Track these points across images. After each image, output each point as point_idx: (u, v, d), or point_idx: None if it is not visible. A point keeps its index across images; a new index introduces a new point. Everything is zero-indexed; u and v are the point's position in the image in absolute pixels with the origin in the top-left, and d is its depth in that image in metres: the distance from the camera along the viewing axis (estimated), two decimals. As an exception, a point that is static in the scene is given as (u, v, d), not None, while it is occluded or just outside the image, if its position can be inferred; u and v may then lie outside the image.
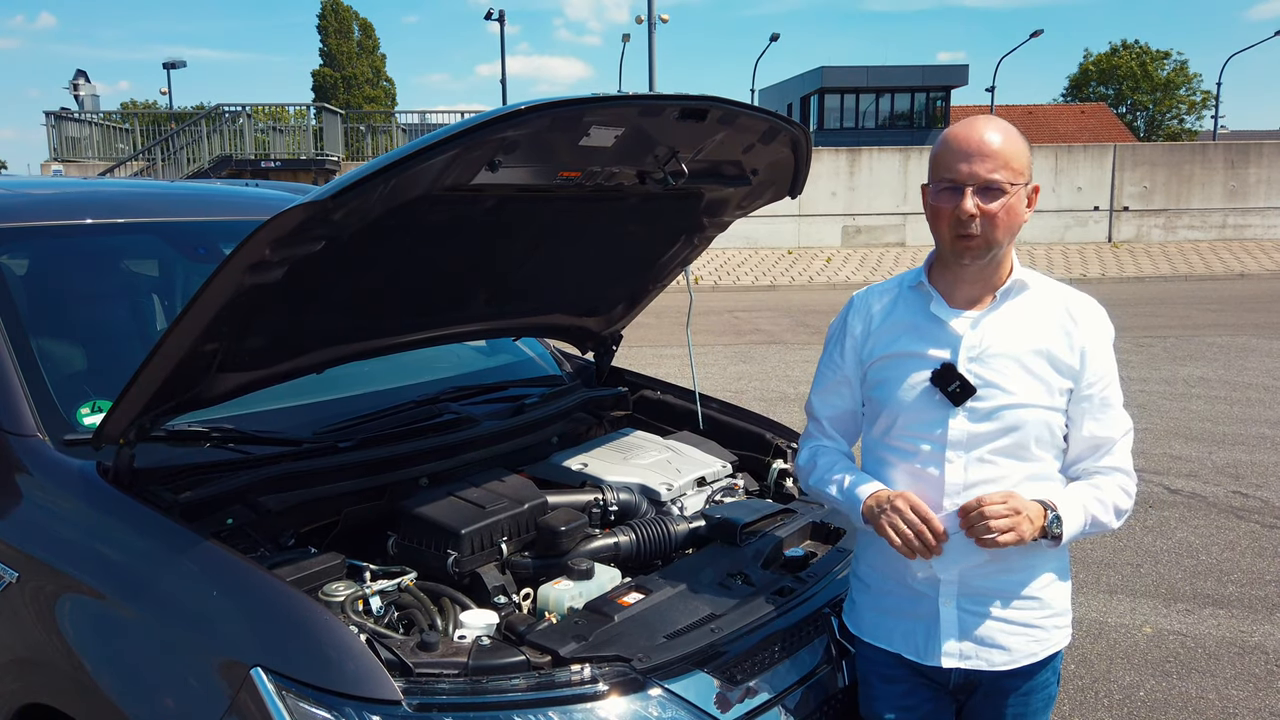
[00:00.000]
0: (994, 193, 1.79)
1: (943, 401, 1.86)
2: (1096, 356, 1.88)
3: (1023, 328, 1.88)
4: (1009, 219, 1.81)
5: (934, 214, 1.86)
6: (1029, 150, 1.86)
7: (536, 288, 2.81)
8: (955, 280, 1.91)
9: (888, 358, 1.95)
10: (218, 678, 1.70)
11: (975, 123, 1.84)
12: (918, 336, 1.92)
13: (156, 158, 24.29)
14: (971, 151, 1.80)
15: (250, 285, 1.77)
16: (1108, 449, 1.92)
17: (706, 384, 9.42)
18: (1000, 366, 1.85)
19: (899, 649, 1.96)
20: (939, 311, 1.91)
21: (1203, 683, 3.81)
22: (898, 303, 1.98)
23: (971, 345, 1.87)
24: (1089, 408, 1.89)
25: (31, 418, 2.17)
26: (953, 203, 1.80)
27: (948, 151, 1.83)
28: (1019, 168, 1.81)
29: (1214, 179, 24.55)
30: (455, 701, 1.67)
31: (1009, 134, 1.83)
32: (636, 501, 2.53)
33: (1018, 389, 1.85)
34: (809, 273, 21.75)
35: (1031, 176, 1.86)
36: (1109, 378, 1.90)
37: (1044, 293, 1.92)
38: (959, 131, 1.84)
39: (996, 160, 1.79)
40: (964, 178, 1.79)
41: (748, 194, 2.68)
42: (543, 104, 1.77)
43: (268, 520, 2.20)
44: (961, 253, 1.84)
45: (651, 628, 1.91)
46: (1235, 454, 7.05)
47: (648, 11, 24.87)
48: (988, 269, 1.88)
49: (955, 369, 1.85)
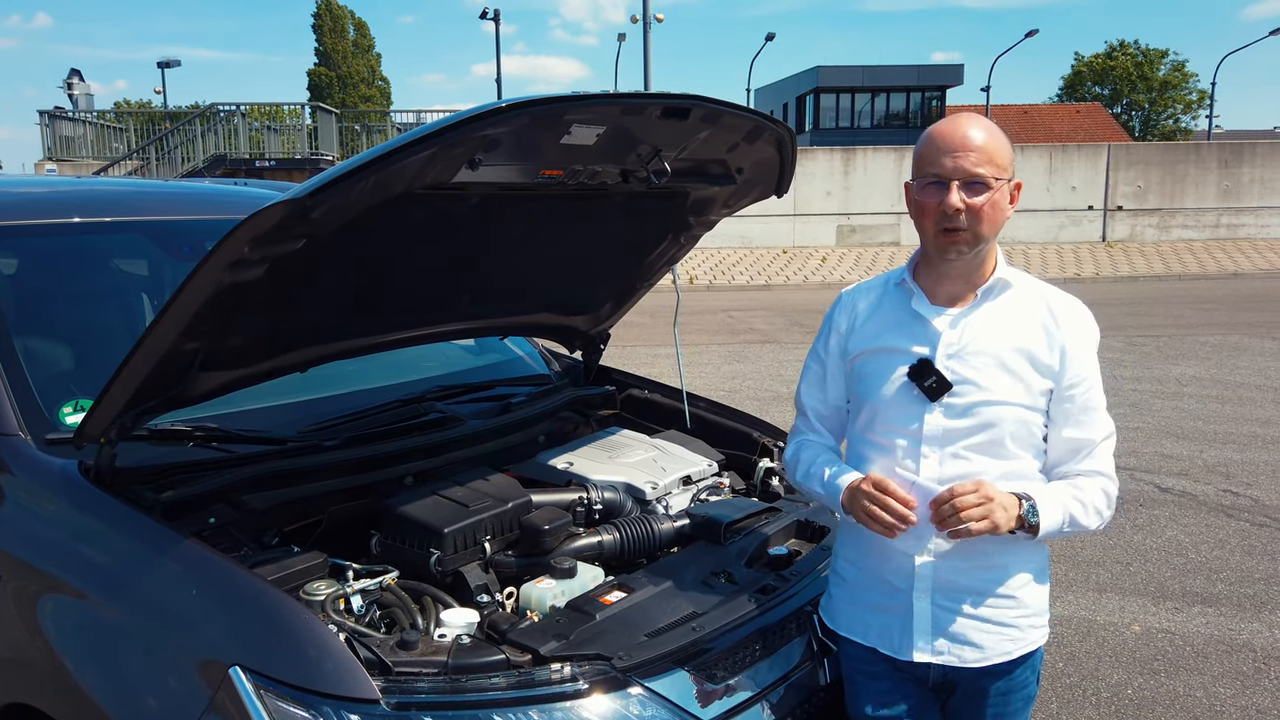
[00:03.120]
0: (979, 187, 1.80)
1: (920, 396, 1.88)
2: (1077, 358, 1.88)
3: (1003, 326, 1.89)
4: (993, 214, 1.83)
5: (919, 210, 1.87)
6: (1011, 147, 1.88)
7: (523, 287, 2.81)
8: (938, 277, 1.93)
9: (870, 353, 1.97)
10: (197, 677, 1.70)
11: (959, 119, 1.86)
12: (899, 332, 1.94)
13: (151, 157, 24.22)
14: (956, 147, 1.81)
15: (230, 283, 1.76)
16: (1088, 452, 1.91)
17: (701, 383, 9.43)
18: (978, 364, 1.87)
19: (875, 643, 1.97)
20: (920, 308, 1.93)
21: (1190, 681, 3.82)
22: (883, 299, 2.01)
23: (950, 342, 1.88)
24: (1070, 409, 1.89)
25: (13, 416, 2.17)
26: (938, 197, 1.82)
27: (932, 147, 1.85)
28: (1002, 163, 1.83)
29: (1208, 179, 24.57)
30: (434, 700, 1.67)
31: (992, 130, 1.84)
32: (621, 500, 2.53)
33: (994, 386, 1.86)
34: (804, 272, 21.74)
35: (1014, 174, 1.88)
36: (1090, 380, 1.90)
37: (1027, 292, 1.93)
38: (943, 128, 1.86)
39: (981, 155, 1.80)
40: (949, 172, 1.81)
41: (733, 193, 2.68)
42: (522, 102, 1.77)
43: (251, 519, 2.20)
44: (947, 248, 1.85)
45: (633, 626, 1.91)
46: (1226, 453, 7.06)
47: (643, 11, 24.84)
48: (971, 266, 1.89)
49: (932, 364, 1.87)
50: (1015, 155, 1.90)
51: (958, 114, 1.91)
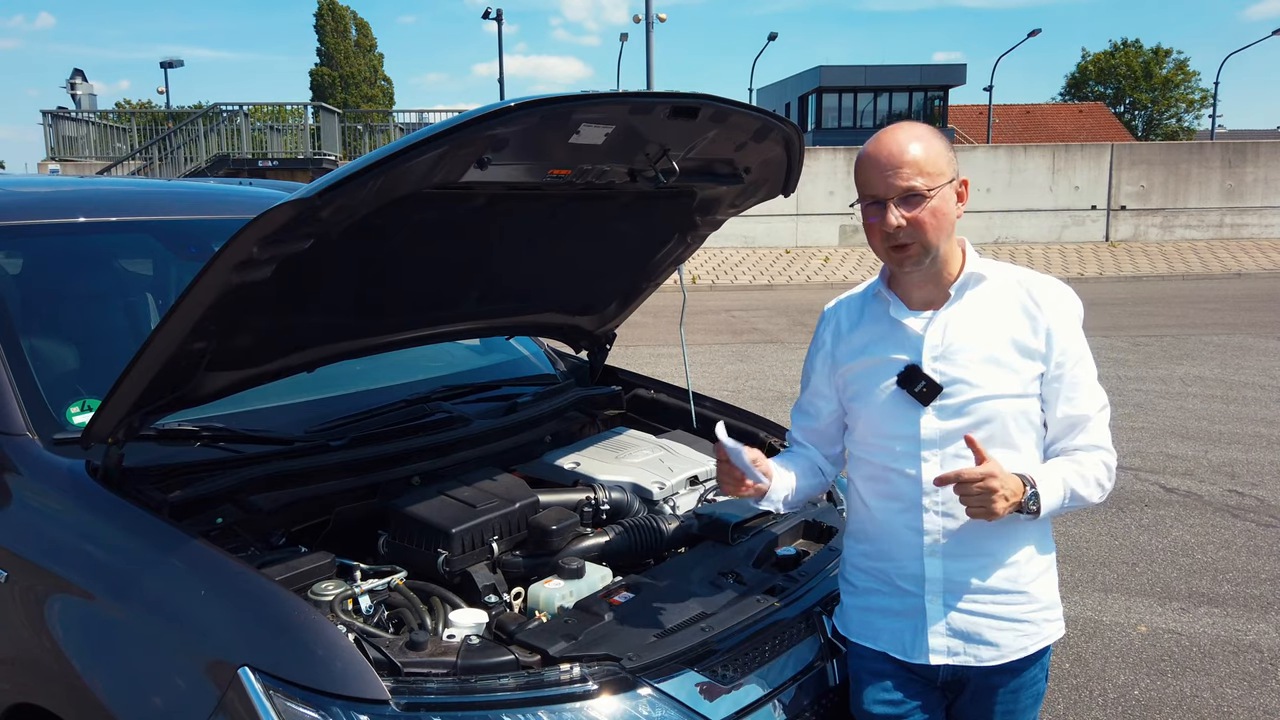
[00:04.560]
0: (915, 200, 1.81)
1: (912, 402, 1.88)
2: (1062, 335, 1.88)
3: (984, 319, 1.89)
4: (936, 221, 1.82)
5: (867, 230, 1.89)
6: (948, 148, 1.87)
7: (529, 286, 2.80)
8: (909, 284, 1.94)
9: (857, 365, 1.99)
10: (205, 677, 1.70)
11: (884, 135, 1.86)
12: (882, 342, 1.95)
13: (154, 157, 24.25)
14: (884, 164, 1.82)
15: (238, 284, 1.76)
16: (1083, 427, 1.92)
17: (704, 383, 9.43)
18: (965, 361, 1.87)
19: (886, 648, 1.97)
20: (898, 315, 1.94)
21: (1197, 681, 3.81)
22: (863, 311, 2.03)
23: (934, 344, 1.89)
24: (1060, 388, 1.89)
25: (21, 417, 2.16)
26: (879, 217, 1.83)
27: (862, 170, 1.86)
28: (935, 170, 1.82)
29: (1211, 178, 24.53)
30: (443, 701, 1.66)
31: (921, 138, 1.83)
32: (628, 500, 2.53)
33: (985, 381, 1.86)
34: (807, 272, 21.72)
35: (956, 173, 1.87)
36: (1077, 355, 1.90)
37: (1003, 281, 1.94)
38: (870, 148, 1.86)
39: (910, 168, 1.80)
40: (883, 191, 1.82)
41: (740, 192, 2.68)
42: (531, 101, 1.76)
43: (258, 519, 2.19)
44: (900, 263, 1.87)
45: (642, 627, 1.91)
46: (1231, 453, 7.05)
47: (645, 11, 24.82)
48: (934, 270, 1.90)
49: (920, 369, 1.88)
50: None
51: (887, 129, 1.88)
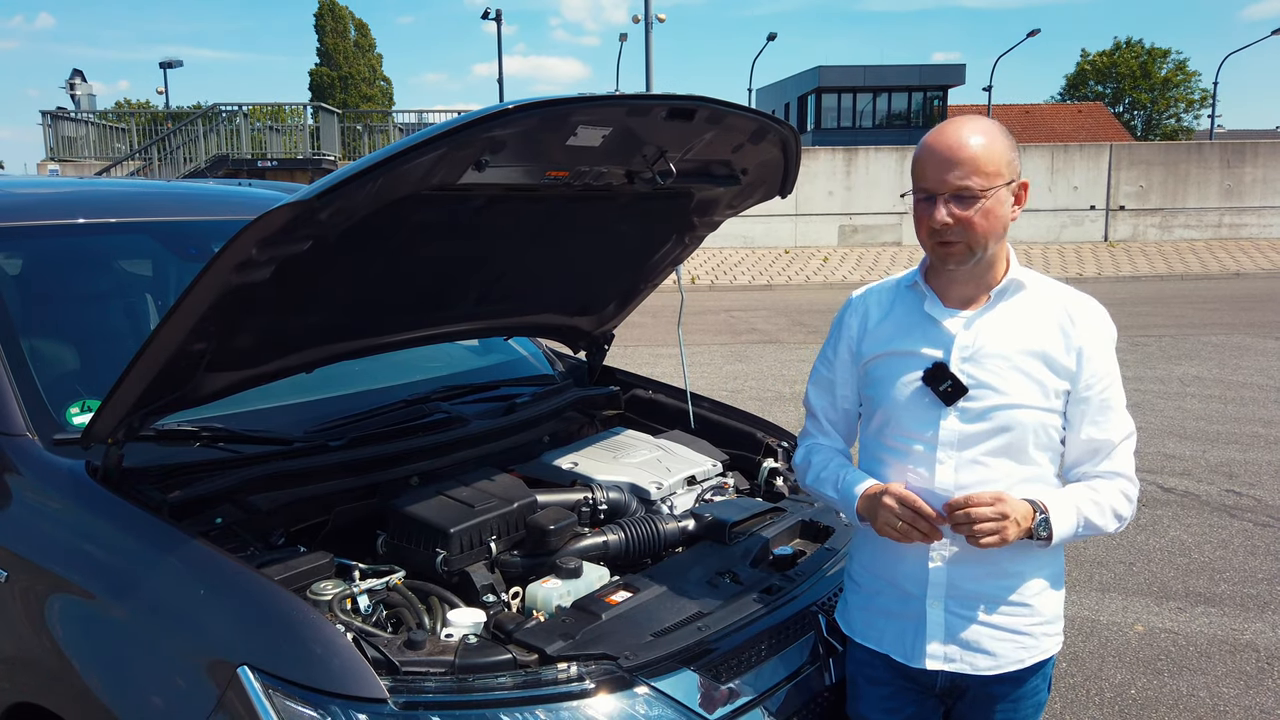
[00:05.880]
0: (967, 200, 1.76)
1: (935, 401, 1.85)
2: (1095, 357, 1.84)
3: (1018, 328, 1.85)
4: (988, 223, 1.78)
5: (916, 221, 1.85)
6: (1011, 148, 1.81)
7: (527, 287, 2.81)
8: (949, 280, 1.89)
9: (882, 356, 1.94)
10: (205, 676, 1.71)
11: (949, 127, 1.81)
12: (912, 335, 1.90)
13: (153, 157, 24.25)
14: (941, 159, 1.77)
15: (237, 285, 1.77)
16: (1107, 453, 1.87)
17: (703, 384, 9.44)
18: (994, 367, 1.83)
19: (888, 650, 1.95)
20: (933, 311, 1.90)
21: (1194, 681, 3.82)
22: (895, 302, 1.97)
23: (965, 345, 1.85)
24: (1087, 410, 1.85)
25: (21, 417, 2.17)
26: (929, 211, 1.79)
27: (920, 160, 1.82)
28: (993, 170, 1.76)
29: (1210, 178, 24.55)
30: (442, 700, 1.67)
31: (985, 135, 1.78)
32: (626, 500, 2.54)
33: (1011, 389, 1.82)
34: (806, 272, 21.73)
35: (1016, 174, 1.82)
36: (1109, 379, 1.86)
37: (1042, 292, 1.89)
38: (932, 139, 1.81)
39: (966, 166, 1.75)
40: (935, 186, 1.78)
41: (738, 193, 2.69)
42: (529, 104, 1.77)
43: (257, 519, 2.20)
44: (944, 259, 1.83)
45: (639, 626, 1.91)
46: (1229, 453, 7.06)
47: (645, 11, 24.82)
48: (979, 270, 1.86)
49: (947, 368, 1.84)
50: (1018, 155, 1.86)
51: (954, 119, 1.82)
